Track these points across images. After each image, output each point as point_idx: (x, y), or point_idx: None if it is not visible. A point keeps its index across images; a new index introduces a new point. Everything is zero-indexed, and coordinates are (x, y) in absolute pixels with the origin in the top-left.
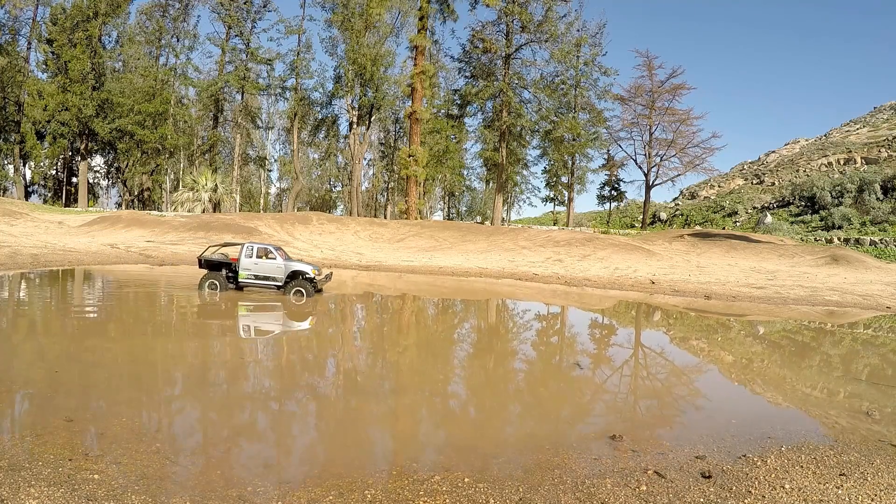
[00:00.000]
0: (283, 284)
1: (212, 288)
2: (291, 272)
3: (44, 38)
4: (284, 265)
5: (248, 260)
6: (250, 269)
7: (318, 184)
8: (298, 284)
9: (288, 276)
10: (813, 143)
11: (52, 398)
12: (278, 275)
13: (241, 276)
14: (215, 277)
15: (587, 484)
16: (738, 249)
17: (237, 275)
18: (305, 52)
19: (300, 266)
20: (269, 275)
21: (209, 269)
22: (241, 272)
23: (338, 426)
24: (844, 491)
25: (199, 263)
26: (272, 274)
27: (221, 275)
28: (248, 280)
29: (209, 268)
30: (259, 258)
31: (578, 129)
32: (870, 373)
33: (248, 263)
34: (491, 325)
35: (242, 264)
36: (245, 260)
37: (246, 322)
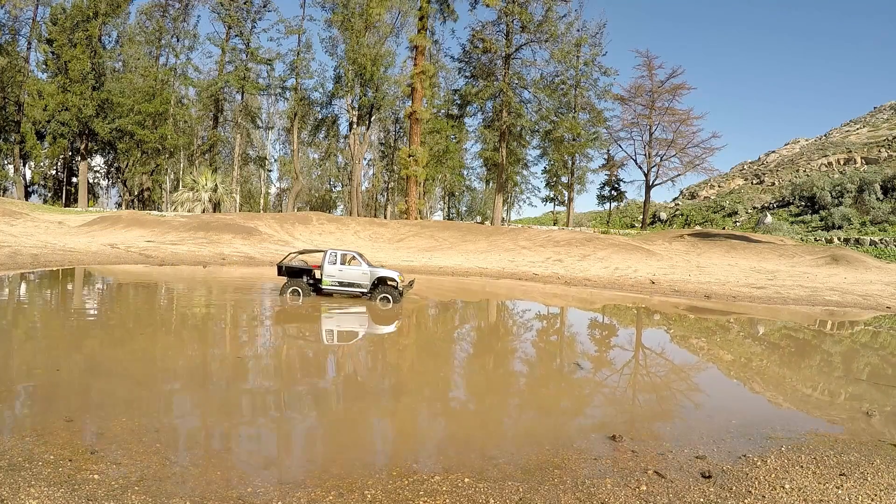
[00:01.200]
0: (369, 291)
1: (294, 295)
2: (377, 278)
3: (44, 38)
4: (370, 271)
5: (331, 266)
6: (334, 276)
7: (318, 184)
8: (385, 291)
9: (373, 283)
10: (813, 143)
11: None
12: (364, 281)
13: (324, 282)
14: (297, 284)
15: (587, 484)
16: (738, 249)
17: (319, 281)
18: (305, 52)
19: (386, 272)
20: (354, 281)
21: (289, 277)
22: (325, 279)
23: (342, 424)
24: (844, 491)
25: (279, 271)
26: (357, 280)
27: (303, 281)
28: (333, 287)
29: (289, 275)
30: (343, 264)
31: (578, 129)
32: (870, 373)
33: (332, 270)
34: (491, 325)
35: (326, 271)
36: (329, 266)
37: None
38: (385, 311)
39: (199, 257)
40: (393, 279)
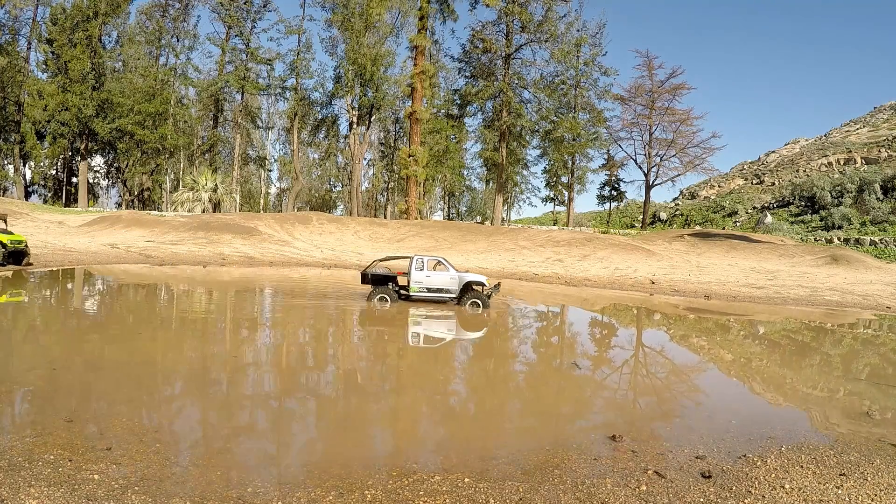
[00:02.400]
0: (458, 296)
1: (382, 301)
2: (466, 283)
3: (44, 38)
4: (458, 276)
5: (419, 273)
6: (422, 282)
7: (318, 184)
8: (475, 296)
9: (462, 288)
10: (813, 143)
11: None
12: (452, 286)
13: (412, 289)
14: (385, 291)
15: (587, 484)
16: (738, 249)
17: (405, 287)
18: (305, 52)
19: (474, 276)
20: (442, 287)
21: (375, 284)
22: (413, 285)
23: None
24: (844, 491)
25: (363, 278)
26: (446, 286)
27: (389, 288)
28: (421, 293)
29: (375, 283)
30: (431, 270)
31: (578, 129)
32: (870, 373)
33: (420, 276)
34: (491, 324)
35: (414, 277)
36: (416, 273)
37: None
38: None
39: (199, 257)
40: (482, 283)
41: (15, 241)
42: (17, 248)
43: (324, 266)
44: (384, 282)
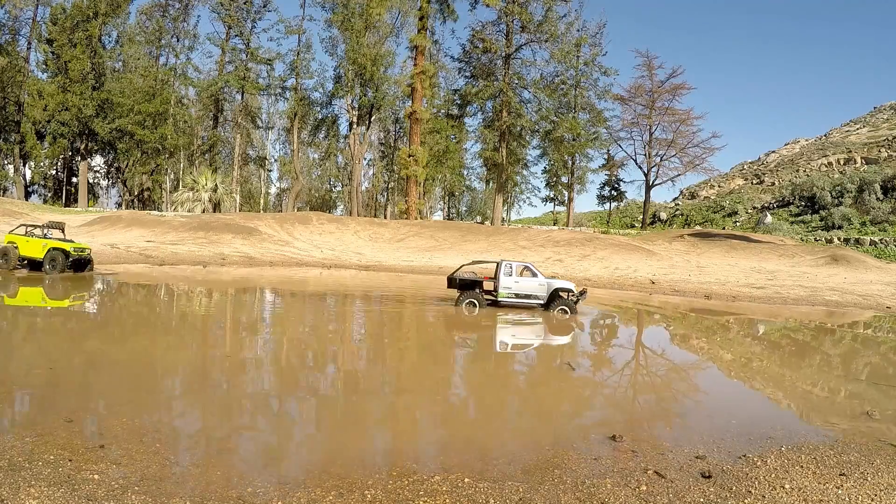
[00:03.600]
0: (546, 302)
1: (470, 306)
2: (554, 290)
3: (44, 38)
4: (547, 283)
5: (508, 278)
6: (511, 288)
7: (318, 184)
8: (563, 302)
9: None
10: (813, 143)
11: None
12: (541, 293)
13: (501, 294)
14: (474, 297)
15: (587, 484)
16: (738, 249)
17: (490, 292)
18: (305, 52)
19: (562, 283)
20: (530, 293)
21: (463, 289)
22: (502, 291)
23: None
24: (844, 491)
25: (450, 283)
26: (534, 292)
27: (477, 293)
28: (509, 298)
29: (463, 287)
30: (519, 276)
31: (578, 129)
32: (870, 373)
33: (509, 282)
34: (491, 324)
35: (502, 283)
36: (505, 278)
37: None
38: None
39: (199, 257)
40: (570, 290)
41: (78, 248)
42: (80, 257)
43: (324, 266)
44: (471, 287)
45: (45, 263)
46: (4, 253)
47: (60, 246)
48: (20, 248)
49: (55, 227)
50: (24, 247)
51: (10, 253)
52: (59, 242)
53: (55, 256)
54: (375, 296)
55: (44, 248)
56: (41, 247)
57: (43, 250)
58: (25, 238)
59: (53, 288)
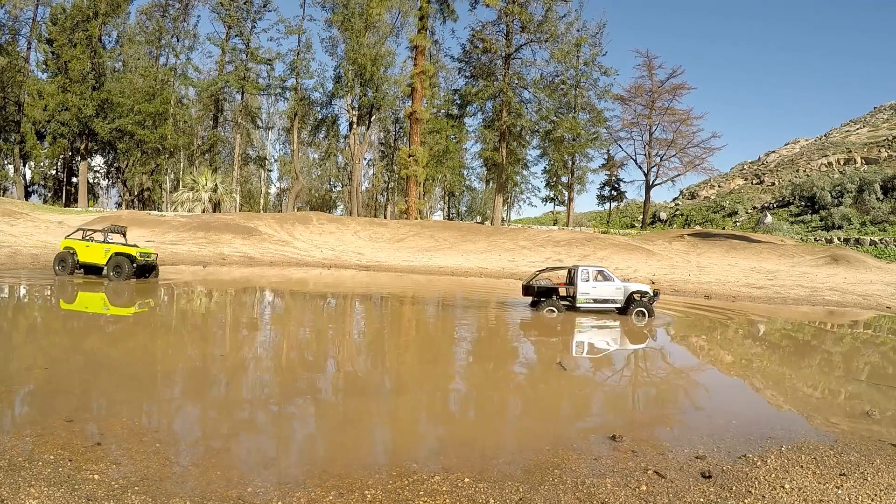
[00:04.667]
0: (624, 306)
1: (550, 312)
2: (632, 293)
3: (44, 38)
4: (623, 286)
5: (585, 283)
6: (588, 293)
7: (318, 184)
8: (640, 305)
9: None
10: (813, 143)
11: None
12: (618, 296)
13: (579, 299)
14: (553, 303)
15: (587, 484)
16: (738, 249)
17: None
18: (305, 52)
19: (638, 286)
20: (608, 297)
21: (541, 296)
22: (580, 296)
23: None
24: (844, 491)
25: (526, 290)
26: (611, 296)
27: (555, 300)
28: (587, 303)
29: (541, 294)
30: (596, 281)
31: (578, 129)
32: (870, 373)
33: (587, 287)
34: (491, 325)
35: (580, 288)
36: (582, 284)
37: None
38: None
39: (199, 257)
40: (646, 292)
41: (144, 253)
42: (146, 262)
43: (324, 266)
44: (549, 294)
45: (108, 270)
46: (62, 259)
47: (125, 251)
48: (79, 253)
49: (116, 231)
50: (84, 252)
51: (68, 259)
52: (122, 247)
53: (120, 263)
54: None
55: (106, 253)
56: (103, 252)
57: (105, 256)
58: (84, 243)
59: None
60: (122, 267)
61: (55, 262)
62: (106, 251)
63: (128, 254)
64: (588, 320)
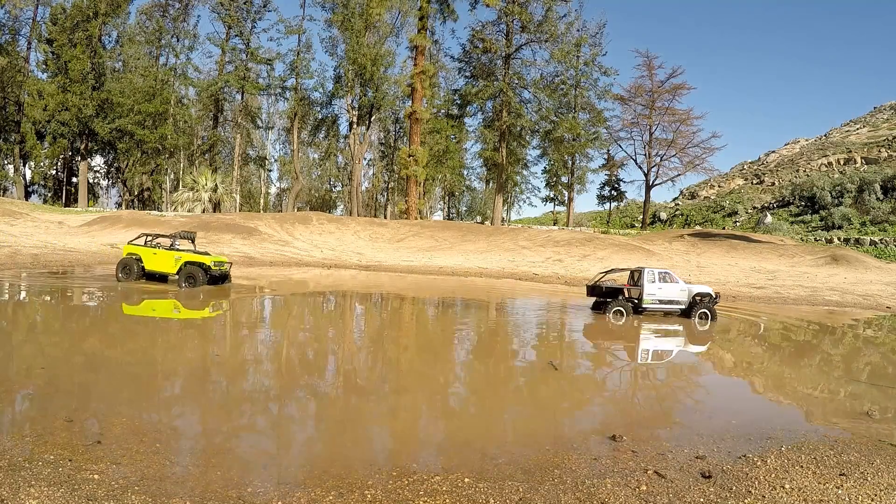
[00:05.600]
0: (688, 308)
1: (618, 315)
2: (695, 295)
3: (44, 38)
4: (688, 288)
5: (651, 285)
6: (655, 294)
7: (318, 184)
8: (704, 308)
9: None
10: (813, 143)
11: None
12: (682, 298)
13: (646, 301)
14: (621, 304)
15: (587, 484)
16: (739, 249)
17: (631, 299)
18: (305, 52)
19: (702, 288)
20: (672, 298)
21: (608, 297)
22: (646, 297)
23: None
24: (844, 491)
25: (591, 291)
26: (676, 298)
27: (622, 301)
28: (653, 305)
29: (608, 295)
30: (662, 283)
31: (578, 129)
32: (870, 373)
33: (653, 289)
34: (491, 325)
35: (647, 290)
36: (649, 285)
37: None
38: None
39: None
40: (709, 294)
41: (217, 262)
42: (221, 272)
43: (324, 266)
44: (615, 295)
45: (180, 280)
46: (125, 266)
47: (198, 260)
48: (145, 261)
49: (186, 237)
50: (151, 260)
51: (133, 266)
52: (194, 255)
53: (193, 273)
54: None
55: (177, 262)
56: (173, 261)
57: (176, 265)
58: (152, 250)
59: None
60: (195, 277)
61: (118, 269)
62: (177, 259)
63: (201, 263)
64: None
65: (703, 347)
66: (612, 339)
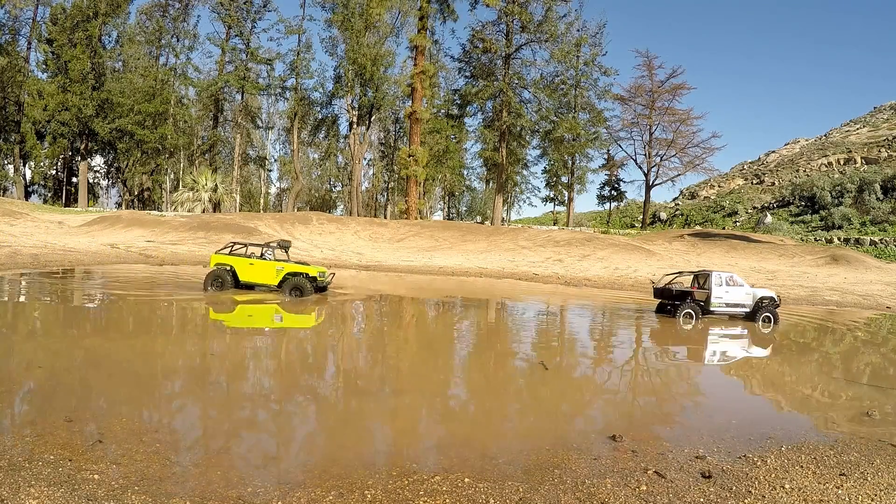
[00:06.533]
0: (753, 311)
1: (687, 318)
2: (760, 298)
3: (44, 38)
4: (752, 292)
5: (719, 288)
6: (722, 298)
7: (318, 184)
8: (768, 311)
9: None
10: (813, 143)
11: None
12: (748, 301)
13: (713, 304)
14: (690, 307)
15: (587, 484)
16: (739, 249)
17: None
18: (305, 52)
19: (766, 292)
20: (739, 302)
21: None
22: (714, 300)
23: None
24: (844, 491)
25: (659, 293)
26: (742, 301)
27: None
28: (720, 308)
29: (674, 298)
30: (729, 286)
31: (578, 129)
32: (870, 373)
33: (720, 292)
34: (490, 325)
35: (715, 293)
36: (717, 289)
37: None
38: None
39: (199, 257)
40: (773, 298)
41: (321, 272)
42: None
43: (324, 266)
44: (683, 298)
45: (284, 291)
46: (217, 277)
47: (303, 270)
48: (240, 272)
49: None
50: (247, 271)
51: (226, 278)
52: (298, 266)
53: (300, 283)
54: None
55: (279, 272)
56: (274, 272)
57: (278, 276)
58: (248, 260)
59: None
60: (302, 288)
61: (208, 282)
62: (279, 270)
63: (306, 273)
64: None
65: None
66: (684, 342)
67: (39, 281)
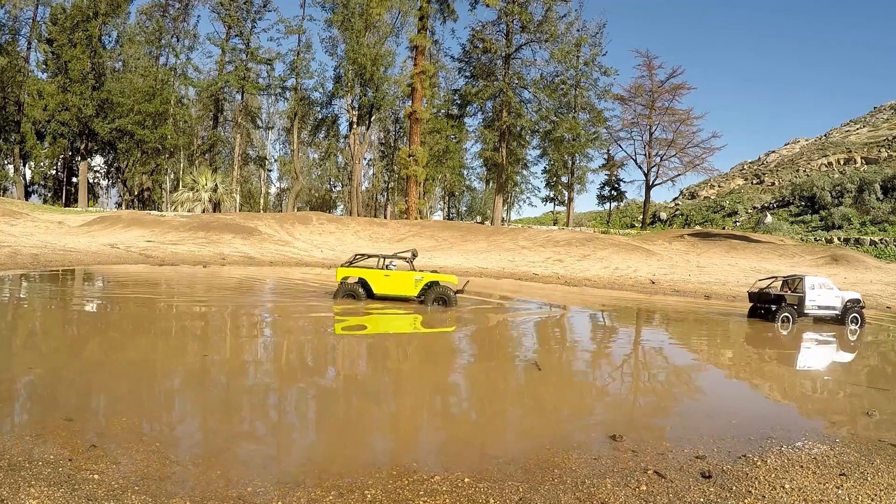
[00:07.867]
0: (842, 314)
1: (785, 322)
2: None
3: (44, 38)
4: (842, 295)
5: (812, 292)
6: (815, 301)
7: (318, 184)
8: (855, 312)
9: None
10: (813, 143)
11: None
12: (837, 304)
13: (806, 307)
14: (788, 311)
15: (587, 484)
16: (738, 249)
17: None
18: (305, 52)
19: (853, 295)
20: (829, 304)
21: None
22: (808, 304)
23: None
24: (844, 491)
25: (755, 297)
26: (832, 304)
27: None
28: (813, 311)
29: (770, 302)
30: (820, 289)
31: (578, 129)
32: (870, 373)
33: (813, 295)
34: (490, 324)
35: (808, 296)
36: (810, 292)
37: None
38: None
39: (199, 257)
40: (859, 300)
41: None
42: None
43: (324, 266)
44: (780, 301)
45: (426, 301)
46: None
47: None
48: (374, 283)
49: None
50: (382, 283)
51: (359, 291)
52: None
53: (444, 294)
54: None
55: (418, 282)
56: (413, 282)
57: (417, 286)
58: (383, 272)
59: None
60: (447, 298)
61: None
62: (417, 280)
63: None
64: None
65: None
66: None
67: (40, 283)
